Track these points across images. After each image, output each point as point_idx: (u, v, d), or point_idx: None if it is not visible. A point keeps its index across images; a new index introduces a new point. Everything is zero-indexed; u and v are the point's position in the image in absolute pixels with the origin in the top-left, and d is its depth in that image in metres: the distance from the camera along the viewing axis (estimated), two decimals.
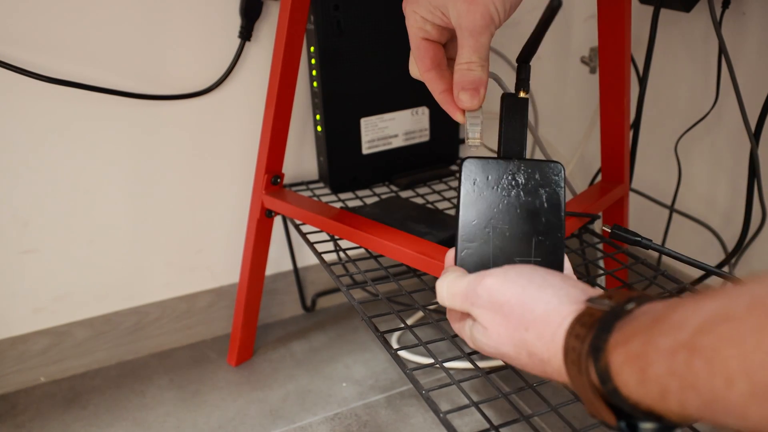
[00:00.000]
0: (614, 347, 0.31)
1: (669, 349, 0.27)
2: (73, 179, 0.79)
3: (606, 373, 0.31)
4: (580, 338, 0.33)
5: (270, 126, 0.74)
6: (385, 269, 0.67)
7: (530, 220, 0.46)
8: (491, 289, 0.38)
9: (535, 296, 0.37)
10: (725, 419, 0.26)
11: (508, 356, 0.38)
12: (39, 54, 0.72)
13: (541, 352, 0.36)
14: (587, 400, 0.33)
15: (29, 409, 0.81)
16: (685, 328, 0.27)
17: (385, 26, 0.81)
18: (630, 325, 0.31)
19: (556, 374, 0.36)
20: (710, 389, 0.25)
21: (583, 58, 1.01)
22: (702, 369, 0.25)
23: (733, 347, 0.24)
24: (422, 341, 0.55)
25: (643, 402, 0.30)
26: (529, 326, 0.36)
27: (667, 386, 0.27)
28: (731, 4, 0.75)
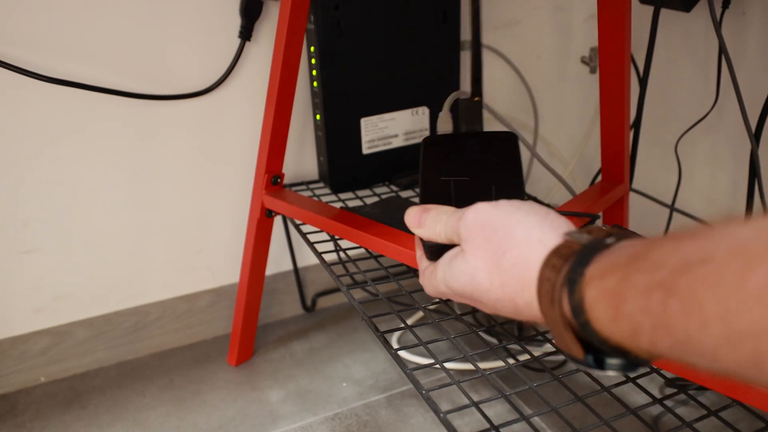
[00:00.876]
0: (590, 281, 0.30)
1: (645, 287, 0.27)
2: (73, 179, 0.79)
3: (579, 307, 0.30)
4: (556, 269, 0.33)
5: (270, 126, 0.74)
6: (385, 269, 0.67)
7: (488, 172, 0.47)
8: (480, 210, 0.38)
9: (520, 220, 0.37)
10: (696, 360, 0.25)
11: (480, 288, 0.38)
12: (39, 54, 0.72)
13: (514, 282, 0.35)
14: (557, 332, 0.33)
15: (29, 409, 0.81)
16: (664, 267, 0.26)
17: (385, 26, 0.81)
18: (607, 259, 0.30)
19: (526, 307, 0.35)
20: (684, 330, 0.25)
21: (583, 58, 1.01)
22: (677, 310, 0.25)
23: (710, 290, 0.23)
24: (422, 341, 0.55)
25: (613, 338, 0.29)
26: (506, 251, 0.36)
27: (639, 324, 0.27)
28: (731, 4, 0.75)
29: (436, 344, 0.87)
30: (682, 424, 0.46)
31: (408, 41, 0.83)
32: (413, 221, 0.44)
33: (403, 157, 0.88)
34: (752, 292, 0.22)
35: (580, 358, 0.33)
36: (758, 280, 0.22)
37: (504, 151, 0.49)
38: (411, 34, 0.83)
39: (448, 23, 0.85)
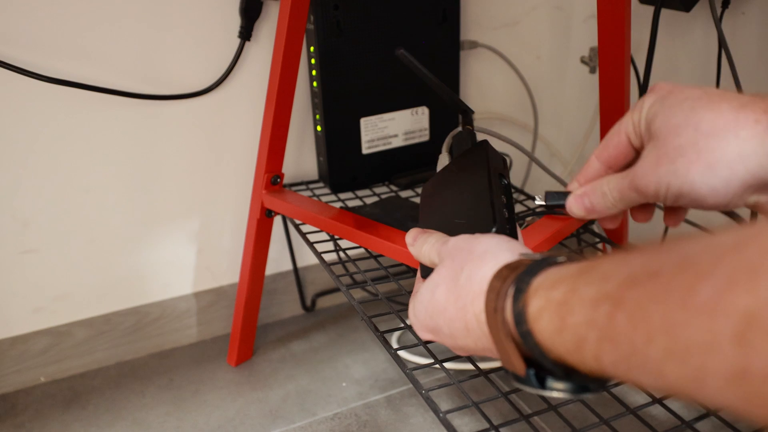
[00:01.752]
0: (535, 291, 0.30)
1: (592, 298, 0.26)
2: (72, 179, 0.79)
3: (522, 315, 0.30)
4: (502, 278, 0.33)
5: (270, 126, 0.75)
6: (384, 269, 0.67)
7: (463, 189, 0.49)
8: (460, 238, 0.40)
9: (482, 241, 0.38)
10: (640, 376, 0.25)
11: (438, 306, 0.38)
12: (39, 54, 0.72)
13: (465, 294, 0.36)
14: (499, 345, 0.33)
15: (29, 409, 0.81)
16: (612, 279, 0.26)
17: (384, 26, 0.81)
18: (556, 272, 0.30)
19: (474, 321, 0.35)
20: (629, 343, 0.24)
21: (583, 58, 1.01)
22: (623, 322, 0.24)
23: (657, 303, 0.23)
24: (422, 341, 0.55)
25: (556, 351, 0.29)
26: (464, 266, 0.37)
27: (584, 337, 0.27)
28: (731, 4, 0.75)
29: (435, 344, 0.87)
30: (682, 424, 0.46)
31: (408, 41, 0.83)
32: (408, 239, 0.47)
33: (403, 157, 0.88)
34: (698, 306, 0.21)
35: (521, 374, 0.32)
36: (704, 294, 0.21)
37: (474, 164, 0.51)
38: (411, 34, 0.83)
39: (448, 23, 0.85)
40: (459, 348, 0.39)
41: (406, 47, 0.82)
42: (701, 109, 0.37)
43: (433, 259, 0.43)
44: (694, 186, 0.37)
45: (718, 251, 0.22)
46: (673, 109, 0.40)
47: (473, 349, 0.37)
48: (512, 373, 0.33)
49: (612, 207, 0.45)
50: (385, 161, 0.87)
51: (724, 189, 0.36)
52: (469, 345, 0.37)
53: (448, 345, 0.40)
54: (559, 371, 0.30)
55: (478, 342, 0.36)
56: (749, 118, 0.35)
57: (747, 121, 0.35)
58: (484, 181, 0.48)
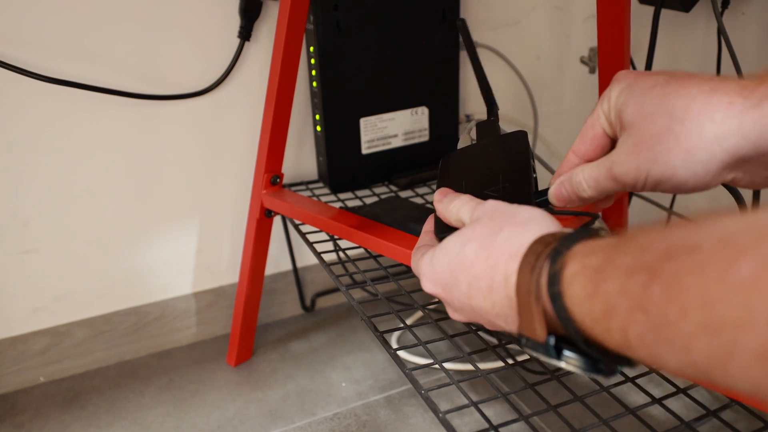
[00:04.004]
0: (574, 256, 0.30)
1: (628, 268, 0.26)
2: (72, 179, 0.79)
3: (557, 276, 0.30)
4: (545, 243, 0.33)
5: (269, 126, 0.75)
6: (384, 269, 0.67)
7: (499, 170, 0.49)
8: (498, 202, 0.40)
9: (525, 210, 0.38)
10: (664, 351, 0.25)
11: (464, 262, 0.37)
12: (39, 54, 0.72)
13: (500, 253, 0.35)
14: (525, 309, 0.32)
15: (28, 408, 0.81)
16: (650, 251, 0.26)
17: (384, 26, 0.81)
18: (596, 242, 0.30)
19: (502, 282, 0.34)
20: (662, 314, 0.24)
21: (583, 58, 1.01)
22: (658, 293, 0.25)
23: (695, 278, 0.23)
24: (421, 341, 0.55)
25: (582, 319, 0.29)
26: (504, 227, 0.36)
27: (614, 305, 0.27)
28: (731, 4, 0.75)
29: (435, 344, 0.87)
30: (682, 424, 0.46)
31: (407, 41, 0.83)
32: (437, 195, 0.46)
33: (403, 157, 0.88)
34: (736, 282, 0.21)
35: (540, 341, 0.32)
36: (744, 270, 0.21)
37: (513, 147, 0.51)
38: (410, 34, 0.83)
39: (448, 23, 0.85)
40: (469, 310, 0.38)
41: (406, 47, 0.83)
42: (671, 95, 0.38)
43: (462, 217, 0.42)
44: (675, 171, 0.38)
45: (760, 230, 0.22)
46: (643, 97, 0.40)
47: (485, 313, 0.37)
48: (527, 340, 0.33)
49: (588, 196, 0.45)
50: (384, 161, 0.87)
51: (704, 171, 0.37)
52: (483, 307, 0.36)
53: (455, 305, 0.39)
54: (580, 339, 0.30)
55: (496, 306, 0.35)
56: (722, 101, 0.35)
57: (720, 104, 0.35)
58: (526, 161, 0.49)
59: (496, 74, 1.00)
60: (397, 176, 0.88)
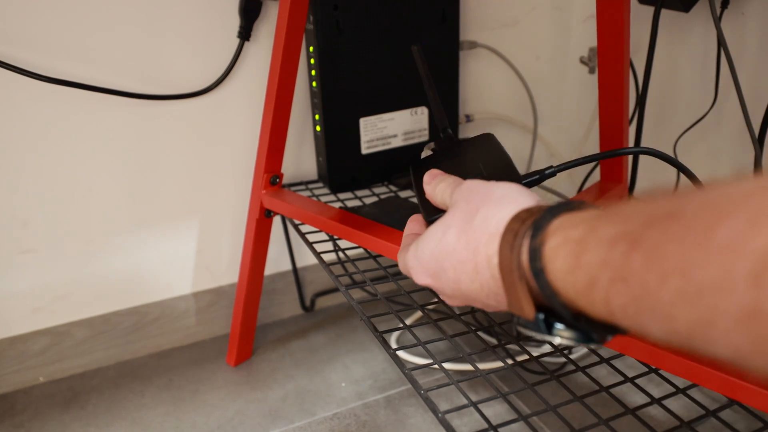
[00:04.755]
0: (555, 230, 0.30)
1: (610, 238, 0.26)
2: (72, 179, 0.79)
3: (538, 252, 0.30)
4: (522, 220, 0.32)
5: (269, 126, 0.74)
6: (384, 269, 0.67)
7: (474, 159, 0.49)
8: (474, 181, 0.40)
9: (500, 186, 0.37)
10: (648, 321, 0.24)
11: (446, 248, 0.37)
12: (39, 54, 0.72)
13: (479, 235, 0.35)
14: (511, 288, 0.32)
15: (28, 408, 0.81)
16: (632, 220, 0.25)
17: (384, 26, 0.81)
18: (578, 215, 0.30)
19: (485, 263, 0.34)
20: (642, 284, 0.24)
21: (582, 58, 1.01)
22: (638, 262, 0.24)
23: (675, 243, 0.23)
24: (421, 341, 0.55)
25: (566, 293, 0.29)
26: (480, 208, 0.36)
27: (596, 277, 0.26)
28: (730, 4, 0.75)
29: (434, 344, 0.87)
30: (682, 424, 0.46)
31: (407, 41, 0.83)
32: (427, 177, 0.46)
33: (402, 158, 0.88)
34: (717, 246, 0.21)
35: (529, 318, 0.32)
36: (724, 233, 0.21)
37: (487, 147, 0.51)
38: (410, 34, 0.83)
39: (447, 23, 0.85)
40: (460, 294, 0.38)
41: (406, 47, 0.83)
42: None
43: (445, 200, 0.42)
44: None
45: (742, 194, 0.21)
46: None
47: (476, 294, 0.36)
48: (518, 318, 0.33)
49: None
50: (384, 161, 0.87)
51: None
52: (473, 290, 0.36)
53: (447, 292, 0.39)
54: (567, 314, 0.30)
55: (484, 287, 0.35)
56: None
57: None
58: (503, 152, 0.49)
59: (496, 74, 1.00)
60: (396, 176, 0.88)
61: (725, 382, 0.43)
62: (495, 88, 1.01)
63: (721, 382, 0.44)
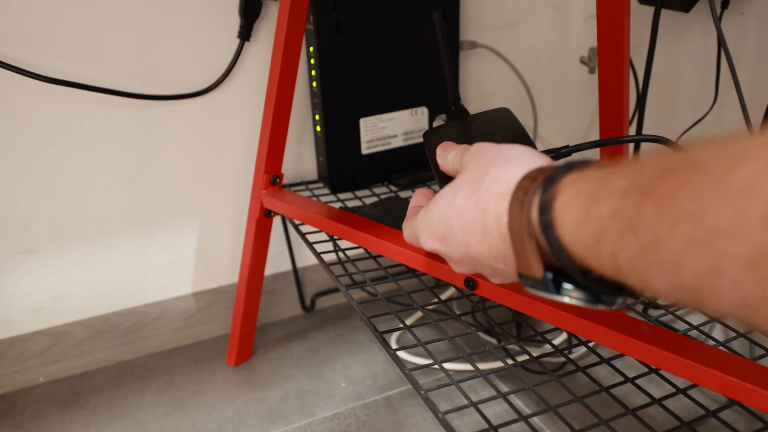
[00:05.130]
0: (568, 184, 0.29)
1: (622, 189, 0.25)
2: (71, 179, 0.79)
3: (548, 205, 0.29)
4: (533, 178, 0.32)
5: (269, 126, 0.74)
6: (384, 269, 0.67)
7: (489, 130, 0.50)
8: (483, 143, 0.40)
9: (511, 147, 0.37)
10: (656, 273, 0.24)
11: (455, 208, 0.37)
12: (39, 54, 0.72)
13: (489, 194, 0.34)
14: (519, 246, 0.32)
15: (28, 408, 0.81)
16: (647, 172, 0.25)
17: (384, 26, 0.81)
18: (591, 170, 0.29)
19: (494, 223, 0.34)
20: (651, 233, 0.23)
21: (583, 58, 1.01)
22: (649, 211, 0.23)
23: (689, 188, 0.22)
24: (421, 341, 0.55)
25: (574, 247, 0.28)
26: (491, 168, 0.36)
27: (605, 229, 0.26)
28: (730, 4, 0.75)
29: (435, 344, 0.87)
30: (682, 424, 0.46)
31: (407, 41, 0.83)
32: (439, 150, 0.46)
33: (403, 158, 0.88)
34: (733, 188, 0.20)
35: (537, 277, 0.31)
36: (742, 177, 0.20)
37: (504, 120, 0.51)
38: (411, 34, 0.83)
39: (447, 23, 0.85)
40: (468, 258, 0.38)
41: (406, 47, 0.83)
42: None
43: (456, 166, 0.42)
44: None
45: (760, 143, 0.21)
46: None
47: (485, 257, 0.36)
48: (527, 277, 0.32)
49: None
50: (384, 161, 0.87)
51: None
52: (481, 251, 0.36)
53: (455, 257, 0.39)
54: (575, 271, 0.29)
55: (493, 247, 0.35)
56: None
57: None
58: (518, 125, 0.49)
59: (496, 74, 1.00)
60: (396, 176, 0.88)
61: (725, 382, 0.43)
62: (495, 88, 1.01)
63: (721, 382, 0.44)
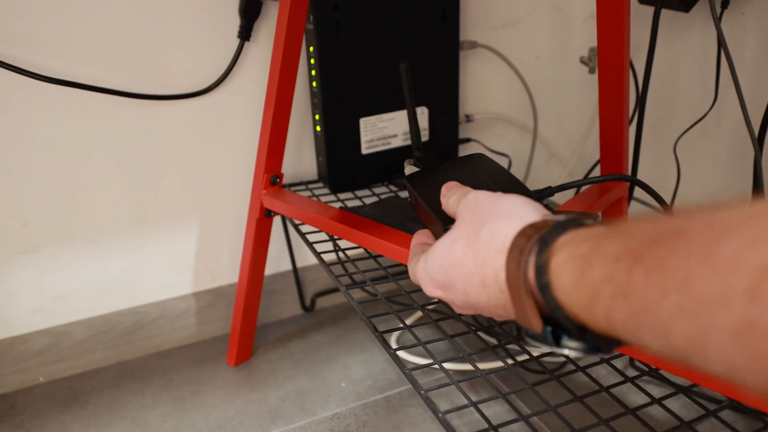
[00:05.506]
0: (561, 247, 0.30)
1: (615, 255, 0.27)
2: (72, 179, 0.79)
3: (544, 267, 0.31)
4: (527, 236, 0.33)
5: (269, 126, 0.74)
6: (384, 269, 0.67)
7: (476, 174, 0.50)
8: (480, 192, 0.41)
9: (506, 199, 0.38)
10: (646, 337, 0.25)
11: (454, 261, 0.38)
12: (39, 54, 0.72)
13: (486, 250, 0.36)
14: (518, 302, 0.33)
15: (28, 408, 0.81)
16: (637, 238, 0.26)
17: (384, 26, 0.81)
18: (584, 231, 0.31)
19: (493, 278, 0.35)
20: (642, 299, 0.24)
21: (583, 58, 1.01)
22: (640, 277, 0.25)
23: (678, 258, 0.23)
24: (421, 341, 0.55)
25: (570, 306, 0.29)
26: (486, 223, 0.37)
27: (598, 292, 0.27)
28: (730, 4, 0.75)
29: (434, 344, 0.87)
30: (682, 424, 0.46)
31: (407, 41, 0.83)
32: (444, 189, 0.47)
33: (403, 158, 0.88)
34: (718, 261, 0.21)
35: (537, 332, 0.32)
36: (726, 250, 0.21)
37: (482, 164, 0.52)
38: (411, 34, 0.83)
39: (447, 23, 0.85)
40: (469, 305, 0.39)
41: (406, 47, 0.83)
42: None
43: (454, 211, 0.43)
44: None
45: (745, 215, 0.22)
46: None
47: (485, 306, 0.37)
48: (527, 330, 0.33)
49: None
50: (384, 161, 0.87)
51: None
52: (481, 302, 0.37)
53: (457, 303, 0.40)
54: (573, 327, 0.31)
55: (492, 298, 0.36)
56: None
57: None
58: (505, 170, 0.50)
59: (496, 74, 1.00)
60: (397, 176, 0.88)
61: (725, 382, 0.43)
62: (495, 88, 1.01)
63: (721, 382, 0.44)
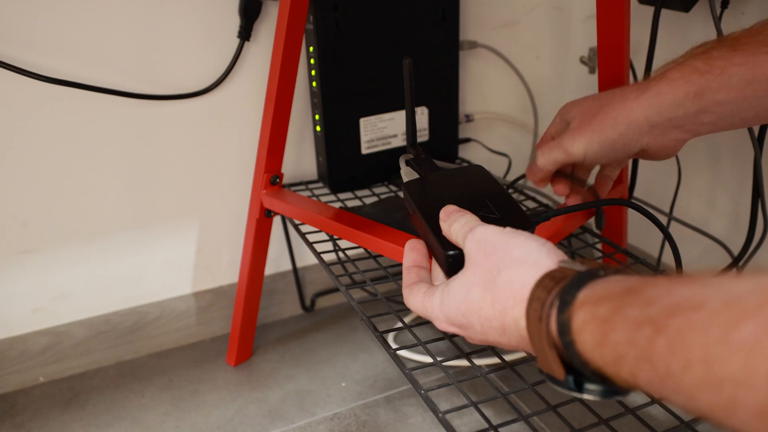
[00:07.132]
0: (581, 305, 0.32)
1: (636, 320, 0.28)
2: (71, 179, 0.79)
3: (566, 326, 0.32)
4: (547, 290, 0.34)
5: (269, 126, 0.74)
6: (384, 269, 0.67)
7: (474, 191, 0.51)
8: (488, 228, 0.42)
9: (519, 243, 0.39)
10: (672, 396, 0.27)
11: (473, 305, 0.39)
12: (39, 54, 0.72)
13: (505, 299, 0.37)
14: (540, 351, 0.34)
15: (28, 408, 0.81)
16: (656, 305, 0.27)
17: (384, 26, 0.81)
18: (601, 287, 0.32)
19: (513, 324, 0.37)
20: (666, 367, 0.26)
21: (582, 58, 1.01)
22: (663, 347, 0.26)
23: (698, 335, 0.25)
24: (421, 341, 0.55)
25: (595, 363, 0.31)
26: (502, 269, 0.38)
27: (623, 354, 0.28)
28: (730, 4, 0.75)
29: (434, 344, 0.87)
30: (682, 424, 0.46)
31: (407, 41, 0.83)
32: (443, 214, 0.47)
33: None
34: (738, 343, 0.23)
35: (560, 379, 0.34)
36: (746, 332, 0.23)
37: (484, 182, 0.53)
38: (410, 34, 0.83)
39: (447, 23, 0.85)
40: (488, 343, 0.41)
41: (406, 47, 0.83)
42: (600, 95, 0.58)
43: (459, 242, 0.44)
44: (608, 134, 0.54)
45: (764, 293, 0.24)
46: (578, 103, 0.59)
47: (505, 345, 0.39)
48: (549, 375, 0.35)
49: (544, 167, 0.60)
50: (384, 161, 0.87)
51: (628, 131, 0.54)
52: (502, 342, 0.39)
53: (476, 340, 0.42)
54: (596, 378, 0.32)
55: (512, 342, 0.38)
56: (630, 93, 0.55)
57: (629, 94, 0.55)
58: (502, 188, 0.51)
59: (496, 74, 1.00)
60: (396, 176, 0.88)
61: None
62: (495, 87, 1.01)
63: None
